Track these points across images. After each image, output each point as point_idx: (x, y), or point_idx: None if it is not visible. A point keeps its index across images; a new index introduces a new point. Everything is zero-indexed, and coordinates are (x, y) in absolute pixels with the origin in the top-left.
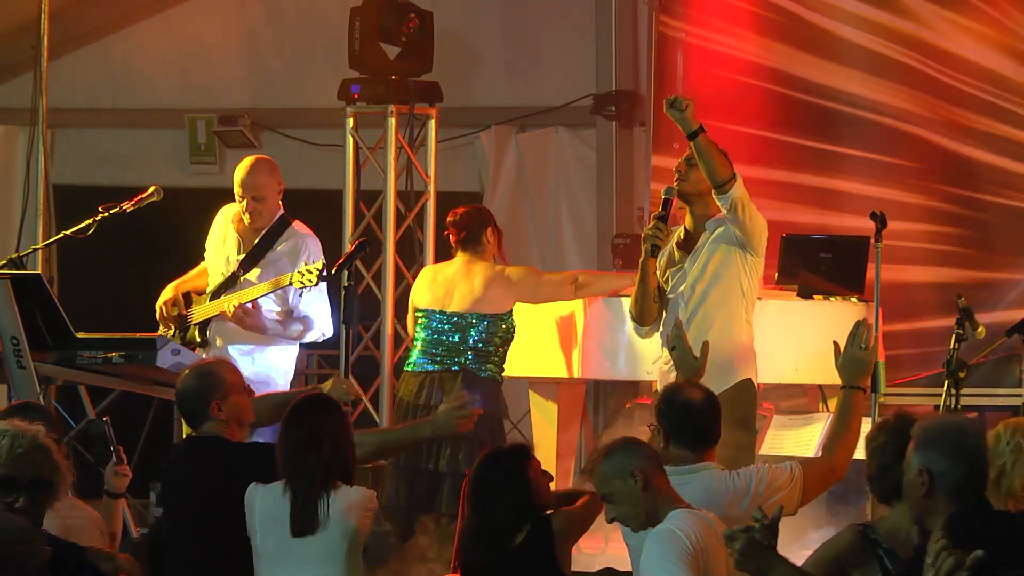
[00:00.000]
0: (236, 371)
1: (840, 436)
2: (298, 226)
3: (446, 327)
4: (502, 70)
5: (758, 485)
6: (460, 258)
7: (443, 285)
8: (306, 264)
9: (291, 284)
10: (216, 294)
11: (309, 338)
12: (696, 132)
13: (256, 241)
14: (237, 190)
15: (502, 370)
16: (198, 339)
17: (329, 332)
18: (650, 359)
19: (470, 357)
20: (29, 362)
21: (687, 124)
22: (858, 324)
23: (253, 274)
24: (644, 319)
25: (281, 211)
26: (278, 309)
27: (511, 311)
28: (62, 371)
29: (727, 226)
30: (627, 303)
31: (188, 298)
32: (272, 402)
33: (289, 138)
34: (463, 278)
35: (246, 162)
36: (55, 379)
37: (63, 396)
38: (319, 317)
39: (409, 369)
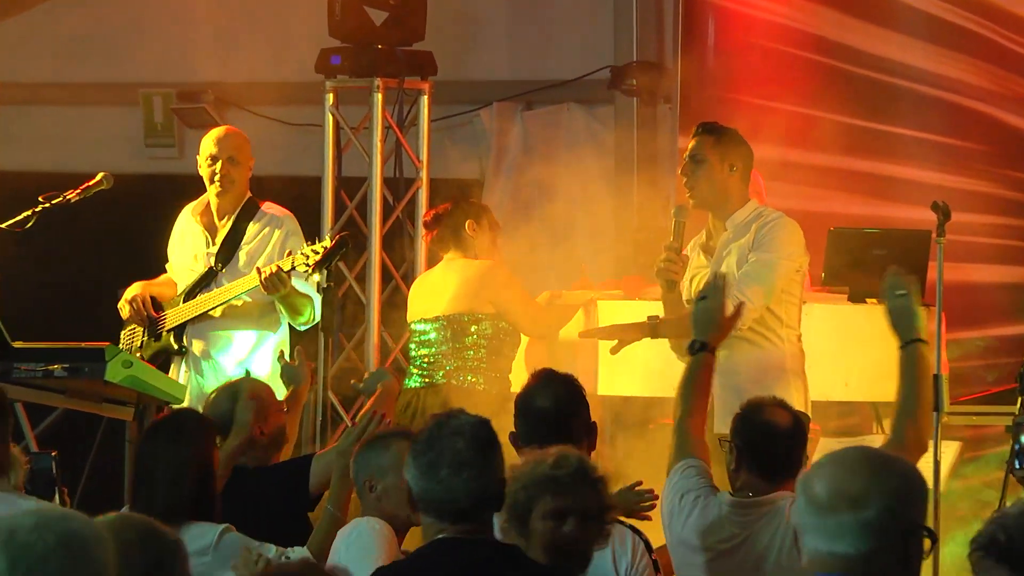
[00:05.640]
0: None
1: (912, 408)
2: (268, 207)
3: (430, 335)
4: (505, 38)
5: None
6: (444, 259)
7: (427, 292)
8: (309, 244)
9: (294, 268)
10: (191, 294)
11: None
12: None
13: (226, 230)
14: (211, 151)
15: (495, 379)
16: (174, 346)
17: (319, 315)
18: (674, 374)
19: (454, 365)
20: None
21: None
22: (889, 275)
23: (233, 269)
24: (683, 352)
25: (248, 194)
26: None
27: (496, 312)
28: None
29: (751, 230)
30: (647, 308)
31: (156, 303)
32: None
33: (259, 117)
34: (442, 279)
35: (218, 129)
36: None
37: None
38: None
39: (404, 387)
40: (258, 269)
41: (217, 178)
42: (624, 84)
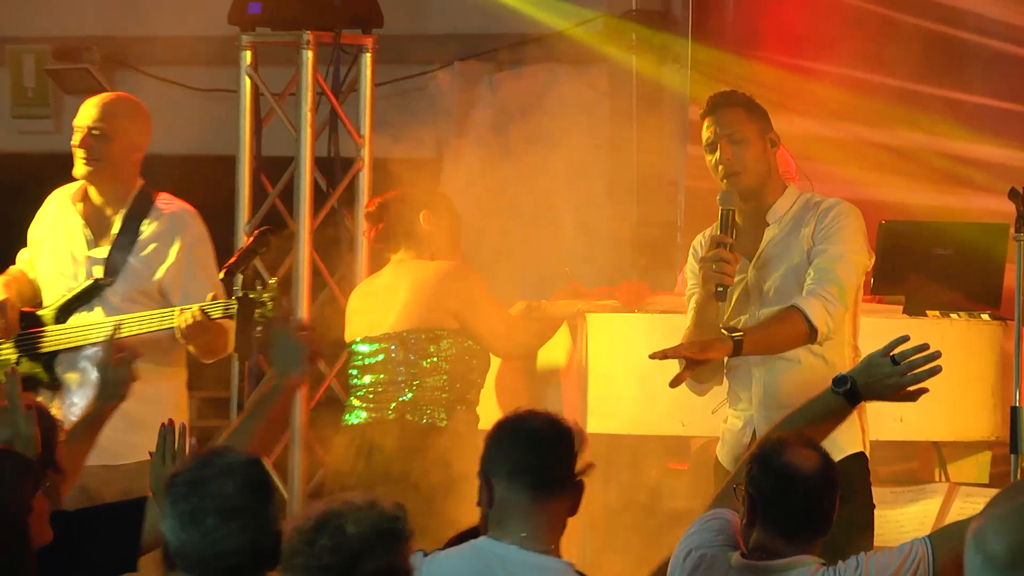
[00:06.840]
0: None
1: None
2: (165, 201)
3: (377, 359)
4: None
5: None
6: (392, 261)
7: (371, 303)
8: (261, 288)
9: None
10: (66, 310)
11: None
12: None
13: (115, 231)
14: (75, 121)
15: (460, 412)
16: (44, 377)
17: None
18: (685, 407)
19: (409, 397)
20: None
21: None
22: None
23: (124, 283)
24: (700, 374)
25: (140, 183)
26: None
27: (459, 328)
28: None
29: (809, 219)
30: (648, 321)
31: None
32: None
33: (157, 80)
34: (390, 287)
35: (103, 95)
36: None
37: None
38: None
39: (343, 425)
40: (180, 310)
41: (78, 149)
42: (622, 39)
